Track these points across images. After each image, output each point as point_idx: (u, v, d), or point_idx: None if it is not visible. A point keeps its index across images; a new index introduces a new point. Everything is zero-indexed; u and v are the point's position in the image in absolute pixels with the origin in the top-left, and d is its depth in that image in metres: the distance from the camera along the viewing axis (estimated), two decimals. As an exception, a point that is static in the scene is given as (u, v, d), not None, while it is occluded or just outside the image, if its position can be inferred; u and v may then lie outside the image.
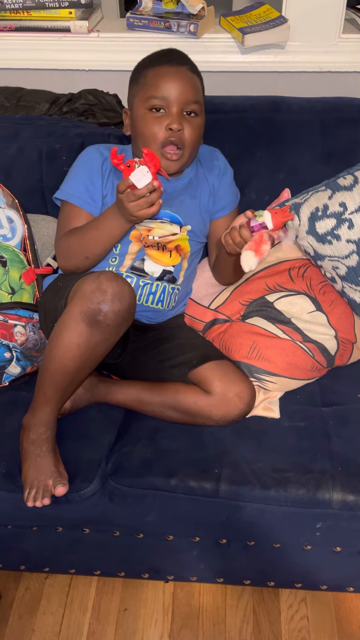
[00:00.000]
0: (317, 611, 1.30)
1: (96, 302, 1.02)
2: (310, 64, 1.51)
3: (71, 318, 1.04)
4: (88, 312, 1.02)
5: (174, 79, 1.17)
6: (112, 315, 1.03)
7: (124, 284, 1.05)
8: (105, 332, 1.04)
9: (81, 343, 1.04)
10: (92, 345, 1.05)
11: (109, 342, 1.08)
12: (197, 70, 1.23)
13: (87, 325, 1.03)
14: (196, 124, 1.20)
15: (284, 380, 1.23)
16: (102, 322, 1.03)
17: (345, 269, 1.22)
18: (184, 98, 1.17)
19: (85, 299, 1.03)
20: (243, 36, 1.45)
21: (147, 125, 1.18)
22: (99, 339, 1.05)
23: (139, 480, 1.10)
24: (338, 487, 1.06)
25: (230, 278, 1.32)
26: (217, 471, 1.09)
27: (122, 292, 1.04)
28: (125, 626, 1.30)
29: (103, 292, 1.02)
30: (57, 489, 1.06)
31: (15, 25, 1.54)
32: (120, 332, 1.08)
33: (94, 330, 1.03)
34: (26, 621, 1.31)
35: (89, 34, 1.53)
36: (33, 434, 1.09)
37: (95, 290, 1.03)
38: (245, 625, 1.29)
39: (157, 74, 1.18)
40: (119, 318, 1.04)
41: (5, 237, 1.32)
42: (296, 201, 1.23)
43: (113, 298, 1.02)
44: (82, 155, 1.29)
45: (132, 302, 1.06)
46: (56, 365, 1.07)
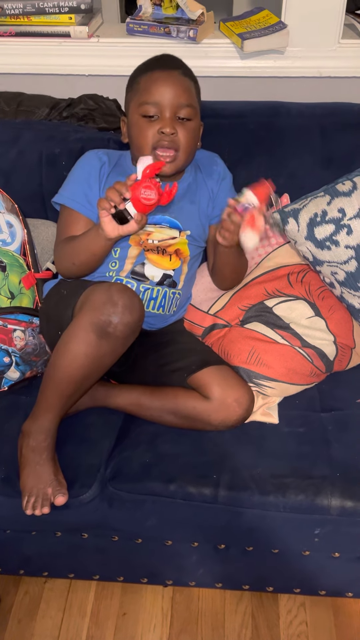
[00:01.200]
0: (316, 616, 1.30)
1: (107, 313, 1.03)
2: (309, 69, 1.51)
3: (80, 328, 1.05)
4: (98, 324, 1.03)
5: (165, 83, 1.17)
6: (122, 327, 1.03)
7: (134, 296, 1.06)
8: (114, 344, 1.05)
9: (89, 353, 1.05)
10: (100, 356, 1.06)
11: (117, 353, 1.08)
12: (191, 74, 1.23)
13: (97, 336, 1.03)
14: (190, 127, 1.20)
15: (283, 386, 1.23)
16: (112, 333, 1.03)
17: (344, 274, 1.22)
18: (176, 102, 1.17)
19: (95, 310, 1.03)
20: (242, 41, 1.46)
21: (141, 131, 1.19)
22: (107, 350, 1.05)
23: (138, 486, 1.10)
24: (337, 493, 1.06)
25: (230, 280, 1.32)
26: (216, 477, 1.09)
27: (132, 305, 1.04)
28: (124, 631, 1.30)
29: (114, 304, 1.03)
30: (57, 498, 1.06)
31: (16, 30, 1.55)
32: (128, 344, 1.09)
33: (103, 341, 1.04)
34: (25, 625, 1.31)
35: (89, 39, 1.54)
36: (33, 441, 1.09)
37: (106, 302, 1.03)
38: (244, 630, 1.29)
39: (149, 80, 1.19)
40: (128, 330, 1.05)
41: (4, 241, 1.33)
42: (295, 207, 1.24)
43: (124, 310, 1.03)
44: (81, 160, 1.30)
45: (141, 314, 1.07)
46: (62, 373, 1.08)
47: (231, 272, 1.29)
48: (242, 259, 1.28)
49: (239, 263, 1.28)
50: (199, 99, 1.24)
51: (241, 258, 1.27)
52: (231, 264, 1.25)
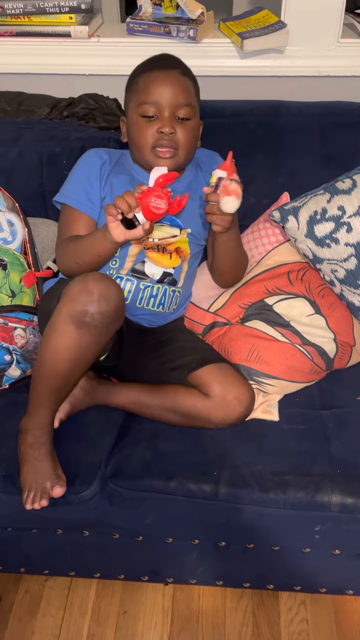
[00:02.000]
0: (317, 614, 1.31)
1: (82, 303, 1.02)
2: (309, 68, 1.52)
3: (59, 320, 1.05)
4: (75, 314, 1.02)
5: (164, 83, 1.18)
6: (99, 316, 1.03)
7: (111, 284, 1.05)
8: (94, 334, 1.04)
9: (71, 345, 1.05)
10: (82, 347, 1.05)
11: (99, 344, 1.08)
12: (190, 73, 1.23)
13: (75, 327, 1.03)
14: (189, 127, 1.20)
15: (283, 383, 1.24)
16: (89, 323, 1.03)
17: (344, 272, 1.22)
18: (175, 101, 1.17)
19: (72, 300, 1.03)
20: (242, 41, 1.46)
21: (140, 131, 1.19)
22: (88, 341, 1.05)
23: (139, 483, 1.10)
24: (337, 490, 1.06)
25: (230, 275, 1.31)
26: (217, 474, 1.09)
27: (108, 293, 1.04)
28: (125, 629, 1.30)
29: (89, 293, 1.03)
30: (54, 490, 1.07)
31: (16, 30, 1.55)
32: (110, 333, 1.09)
33: (83, 332, 1.03)
34: (26, 623, 1.32)
35: (89, 39, 1.54)
36: (30, 437, 1.10)
37: (81, 292, 1.03)
38: (245, 628, 1.29)
39: (148, 79, 1.19)
40: (106, 319, 1.04)
41: (5, 240, 1.33)
42: (295, 205, 1.24)
43: (99, 299, 1.02)
44: (82, 159, 1.30)
45: (119, 303, 1.06)
46: (48, 368, 1.08)
47: (231, 266, 1.29)
48: (241, 249, 1.28)
49: (238, 254, 1.27)
50: (198, 98, 1.25)
51: (239, 248, 1.27)
52: (230, 254, 1.25)
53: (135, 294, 1.25)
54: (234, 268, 1.30)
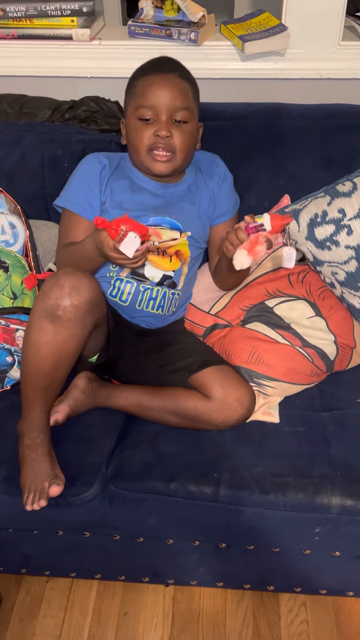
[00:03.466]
0: (317, 615, 1.31)
1: (54, 297, 1.03)
2: (309, 71, 1.52)
3: (34, 317, 1.06)
4: (48, 309, 1.03)
5: (161, 86, 1.18)
6: (71, 308, 1.03)
7: (82, 276, 1.06)
8: (69, 327, 1.05)
9: (48, 341, 1.05)
10: (60, 342, 1.06)
11: (78, 338, 1.08)
12: (189, 76, 1.23)
13: (50, 322, 1.04)
14: (187, 130, 1.20)
15: (284, 385, 1.24)
16: (62, 316, 1.03)
17: (344, 274, 1.23)
18: (172, 105, 1.18)
19: (45, 296, 1.04)
20: (243, 44, 1.46)
21: (137, 134, 1.20)
22: (65, 335, 1.05)
23: (139, 484, 1.11)
24: (337, 491, 1.07)
25: (231, 283, 1.33)
26: (217, 475, 1.09)
27: (79, 285, 1.04)
28: (126, 630, 1.30)
29: (60, 286, 1.03)
30: (51, 489, 1.07)
31: (18, 33, 1.56)
32: (87, 326, 1.09)
33: (57, 326, 1.04)
34: (27, 624, 1.32)
35: (91, 42, 1.55)
36: (27, 439, 1.10)
37: (52, 287, 1.04)
38: (245, 630, 1.29)
39: (146, 83, 1.20)
40: (79, 311, 1.04)
41: (7, 242, 1.33)
42: (295, 207, 1.24)
43: (70, 291, 1.03)
44: (82, 164, 1.30)
45: (92, 294, 1.06)
46: (31, 367, 1.08)
47: (234, 279, 1.30)
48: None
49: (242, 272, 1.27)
50: (197, 101, 1.25)
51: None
52: (234, 272, 1.25)
53: (134, 296, 1.26)
54: (236, 280, 1.31)
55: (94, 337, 1.17)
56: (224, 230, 1.31)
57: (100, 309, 1.12)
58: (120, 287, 1.26)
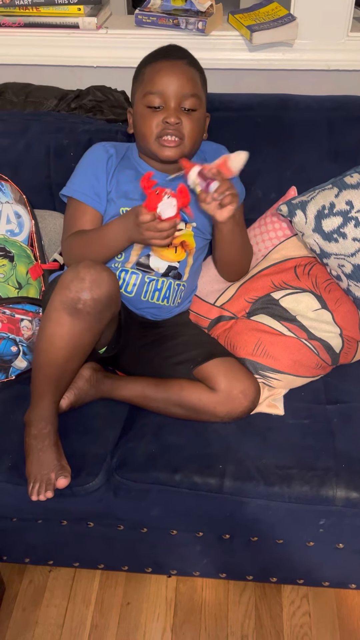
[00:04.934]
0: (319, 608, 1.31)
1: (75, 290, 1.03)
2: (318, 62, 1.51)
3: (53, 309, 1.05)
4: (67, 302, 1.03)
5: (170, 73, 1.17)
6: (91, 302, 1.03)
7: (102, 270, 1.05)
8: (87, 321, 1.05)
9: (65, 334, 1.05)
10: (76, 335, 1.06)
11: (94, 331, 1.08)
12: (197, 64, 1.22)
13: (68, 315, 1.03)
14: (195, 118, 1.19)
15: (289, 378, 1.24)
16: (82, 310, 1.03)
17: (351, 267, 1.22)
18: (181, 92, 1.17)
19: (64, 288, 1.04)
20: (251, 34, 1.45)
21: (145, 121, 1.19)
22: (82, 328, 1.05)
23: (144, 475, 1.11)
24: (342, 484, 1.07)
25: (235, 267, 1.30)
26: (222, 467, 1.09)
27: (100, 279, 1.04)
28: (128, 620, 1.31)
29: (81, 279, 1.03)
30: (58, 481, 1.07)
31: (24, 21, 1.55)
32: (104, 320, 1.08)
33: (75, 319, 1.04)
34: (30, 613, 1.33)
35: (98, 31, 1.54)
36: (34, 429, 1.10)
37: (73, 279, 1.03)
38: (247, 621, 1.30)
39: (154, 70, 1.19)
40: (98, 305, 1.04)
41: (12, 232, 1.33)
42: (303, 199, 1.24)
43: (91, 285, 1.03)
44: (88, 153, 1.30)
45: (111, 289, 1.06)
46: (44, 358, 1.08)
47: (237, 256, 1.27)
48: (245, 238, 1.26)
49: (243, 243, 1.26)
50: (204, 89, 1.24)
51: (244, 237, 1.25)
52: (235, 243, 1.23)
53: (140, 287, 1.26)
54: (239, 258, 1.28)
55: (105, 330, 1.16)
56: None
57: (117, 303, 1.12)
58: (125, 279, 1.26)
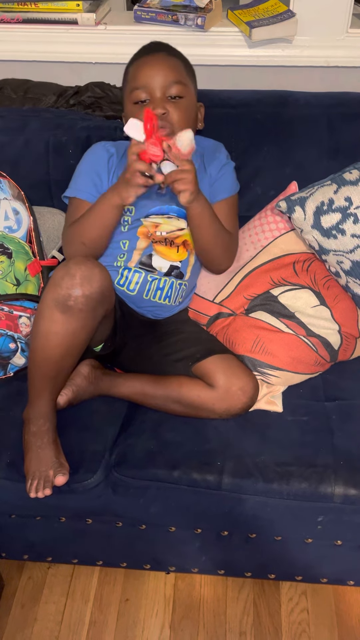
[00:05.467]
0: (317, 604, 1.31)
1: (66, 287, 1.02)
2: (317, 58, 1.50)
3: (45, 307, 1.05)
4: (59, 299, 1.02)
5: (150, 65, 1.18)
6: (82, 299, 1.02)
7: (94, 266, 1.05)
8: (80, 317, 1.04)
9: (58, 331, 1.04)
10: (69, 332, 1.05)
11: (87, 328, 1.07)
12: (179, 54, 1.23)
13: (60, 312, 1.03)
14: (183, 105, 1.18)
15: (288, 375, 1.24)
16: (73, 307, 1.03)
17: (350, 263, 1.22)
18: (164, 82, 1.17)
19: (55, 285, 1.03)
20: (250, 30, 1.45)
21: (134, 116, 1.18)
22: (75, 325, 1.05)
23: (143, 472, 1.11)
24: (340, 481, 1.07)
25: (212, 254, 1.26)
26: (220, 464, 1.09)
27: (91, 275, 1.03)
28: (127, 616, 1.31)
29: (72, 276, 1.02)
30: (56, 478, 1.07)
31: (23, 17, 1.54)
32: (97, 317, 1.08)
33: (68, 316, 1.03)
34: (28, 610, 1.33)
35: (96, 27, 1.53)
36: (33, 426, 1.10)
37: (64, 276, 1.03)
38: (246, 617, 1.30)
39: (136, 67, 1.20)
40: (90, 301, 1.04)
41: (11, 228, 1.33)
42: (302, 195, 1.23)
43: (82, 281, 1.02)
44: (89, 152, 1.30)
45: (103, 285, 1.05)
46: (40, 356, 1.08)
47: (210, 242, 1.22)
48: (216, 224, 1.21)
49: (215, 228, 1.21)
50: (191, 77, 1.23)
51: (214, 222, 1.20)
52: (206, 227, 1.19)
53: (142, 286, 1.25)
54: (212, 247, 1.24)
55: (100, 327, 1.16)
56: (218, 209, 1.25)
57: (110, 299, 1.12)
58: (128, 277, 1.26)
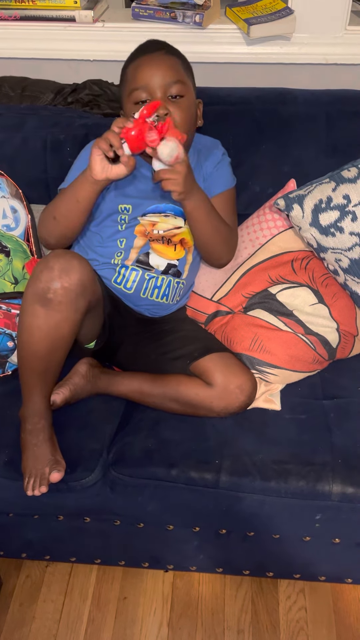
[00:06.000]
0: (315, 602, 1.31)
1: (44, 280, 1.02)
2: (316, 55, 1.50)
3: (26, 301, 1.05)
4: (38, 292, 1.03)
5: (150, 65, 1.17)
6: (62, 291, 1.02)
7: (72, 258, 1.05)
8: (61, 310, 1.04)
9: (41, 325, 1.04)
10: (53, 326, 1.05)
11: (71, 320, 1.06)
12: (177, 52, 1.22)
13: (41, 306, 1.03)
14: (184, 105, 1.18)
15: (286, 373, 1.24)
16: (53, 299, 1.02)
17: (348, 261, 1.22)
18: (164, 81, 1.16)
19: (35, 279, 1.04)
20: (249, 27, 1.44)
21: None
22: (57, 318, 1.04)
23: (140, 470, 1.11)
24: (338, 479, 1.07)
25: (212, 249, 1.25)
26: (218, 462, 1.09)
27: (69, 267, 1.03)
28: (125, 614, 1.31)
29: (50, 269, 1.02)
30: (52, 475, 1.07)
31: (20, 14, 1.53)
32: (80, 309, 1.07)
33: (49, 309, 1.03)
34: (27, 608, 1.33)
35: (94, 24, 1.53)
36: (29, 424, 1.10)
37: (43, 269, 1.03)
38: (244, 615, 1.30)
39: (134, 67, 1.19)
40: (70, 293, 1.03)
41: (8, 227, 1.33)
42: (300, 193, 1.23)
43: (60, 274, 1.02)
44: (86, 149, 1.29)
45: (82, 276, 1.05)
46: (26, 351, 1.08)
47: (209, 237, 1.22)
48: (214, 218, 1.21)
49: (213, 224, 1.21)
50: (189, 75, 1.22)
51: (212, 216, 1.20)
52: (202, 222, 1.19)
53: (139, 284, 1.25)
54: (210, 242, 1.23)
55: (89, 323, 1.16)
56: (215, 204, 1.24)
57: (93, 291, 1.11)
58: (125, 275, 1.25)
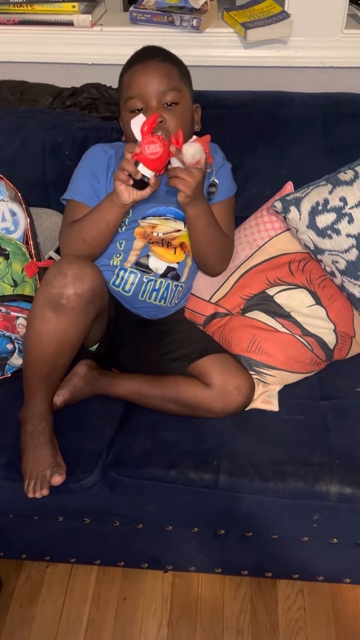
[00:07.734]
0: (314, 602, 1.32)
1: (57, 286, 1.04)
2: (312, 59, 1.51)
3: (37, 306, 1.06)
4: (51, 297, 1.04)
5: (145, 73, 1.18)
6: (74, 297, 1.04)
7: (85, 264, 1.06)
8: (72, 316, 1.05)
9: (50, 330, 1.06)
10: (62, 331, 1.06)
11: (80, 326, 1.08)
12: (173, 58, 1.22)
13: (52, 311, 1.04)
14: (179, 112, 1.19)
15: (283, 374, 1.24)
16: (65, 305, 1.04)
17: (345, 263, 1.23)
18: (159, 89, 1.17)
19: (47, 284, 1.05)
20: (246, 31, 1.45)
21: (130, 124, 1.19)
22: (67, 324, 1.06)
23: (139, 471, 1.11)
24: (336, 479, 1.07)
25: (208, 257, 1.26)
26: (217, 463, 1.10)
27: (82, 273, 1.05)
28: (125, 615, 1.32)
29: (63, 275, 1.04)
30: (53, 478, 1.07)
31: (19, 18, 1.54)
32: (89, 315, 1.09)
33: (60, 315, 1.04)
34: (27, 609, 1.33)
35: (92, 28, 1.54)
36: (29, 426, 1.11)
37: (56, 275, 1.04)
38: (243, 615, 1.31)
39: (130, 75, 1.20)
40: (82, 300, 1.05)
41: (7, 230, 1.33)
42: (297, 195, 1.24)
43: (74, 280, 1.04)
44: (87, 155, 1.30)
45: (95, 283, 1.07)
46: (33, 355, 1.09)
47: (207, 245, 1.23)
48: (214, 227, 1.22)
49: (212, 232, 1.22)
50: (186, 81, 1.23)
51: (212, 225, 1.21)
52: (202, 230, 1.20)
53: (138, 286, 1.26)
54: (207, 249, 1.24)
55: (94, 327, 1.17)
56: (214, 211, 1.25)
57: (102, 297, 1.13)
58: (124, 277, 1.26)
